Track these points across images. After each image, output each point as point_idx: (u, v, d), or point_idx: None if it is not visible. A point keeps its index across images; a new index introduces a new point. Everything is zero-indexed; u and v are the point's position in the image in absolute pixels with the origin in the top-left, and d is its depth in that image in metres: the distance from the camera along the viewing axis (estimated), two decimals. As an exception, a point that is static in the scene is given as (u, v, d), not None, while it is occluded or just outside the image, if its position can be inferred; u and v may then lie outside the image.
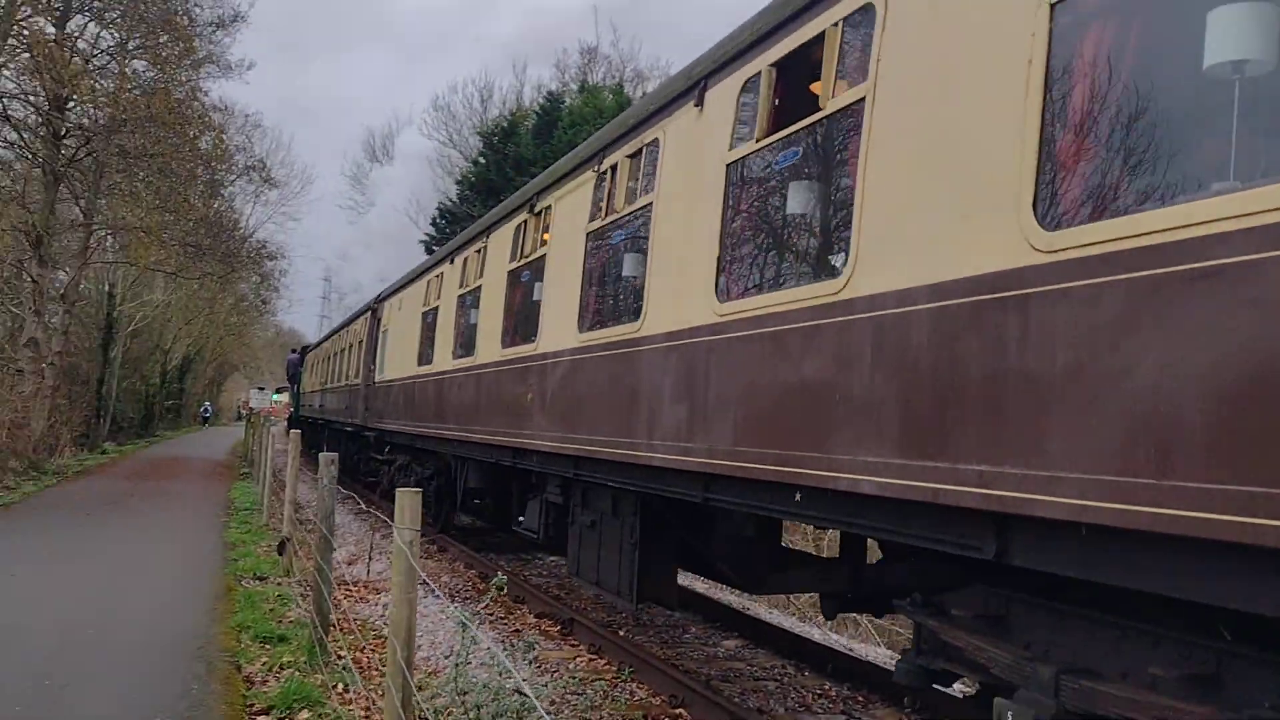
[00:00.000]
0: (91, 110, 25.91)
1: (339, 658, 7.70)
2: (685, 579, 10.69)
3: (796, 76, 5.50)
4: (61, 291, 28.30)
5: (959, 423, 3.85)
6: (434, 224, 44.25)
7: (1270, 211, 2.74)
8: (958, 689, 6.48)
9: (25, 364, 26.13)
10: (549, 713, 6.89)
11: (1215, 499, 2.82)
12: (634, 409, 6.96)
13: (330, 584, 8.14)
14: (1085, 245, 3.36)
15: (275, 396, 50.05)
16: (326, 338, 32.21)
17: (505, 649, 8.58)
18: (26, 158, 26.11)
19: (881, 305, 4.39)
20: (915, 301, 4.18)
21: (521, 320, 10.20)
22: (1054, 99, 3.66)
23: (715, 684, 7.80)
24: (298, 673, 7.30)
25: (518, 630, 9.56)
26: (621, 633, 9.23)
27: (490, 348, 10.95)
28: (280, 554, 11.79)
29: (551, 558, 12.62)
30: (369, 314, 21.09)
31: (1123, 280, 3.21)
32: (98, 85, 24.61)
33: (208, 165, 28.84)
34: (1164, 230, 3.08)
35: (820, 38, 5.12)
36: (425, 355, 14.54)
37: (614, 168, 7.95)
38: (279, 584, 10.86)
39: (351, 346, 23.27)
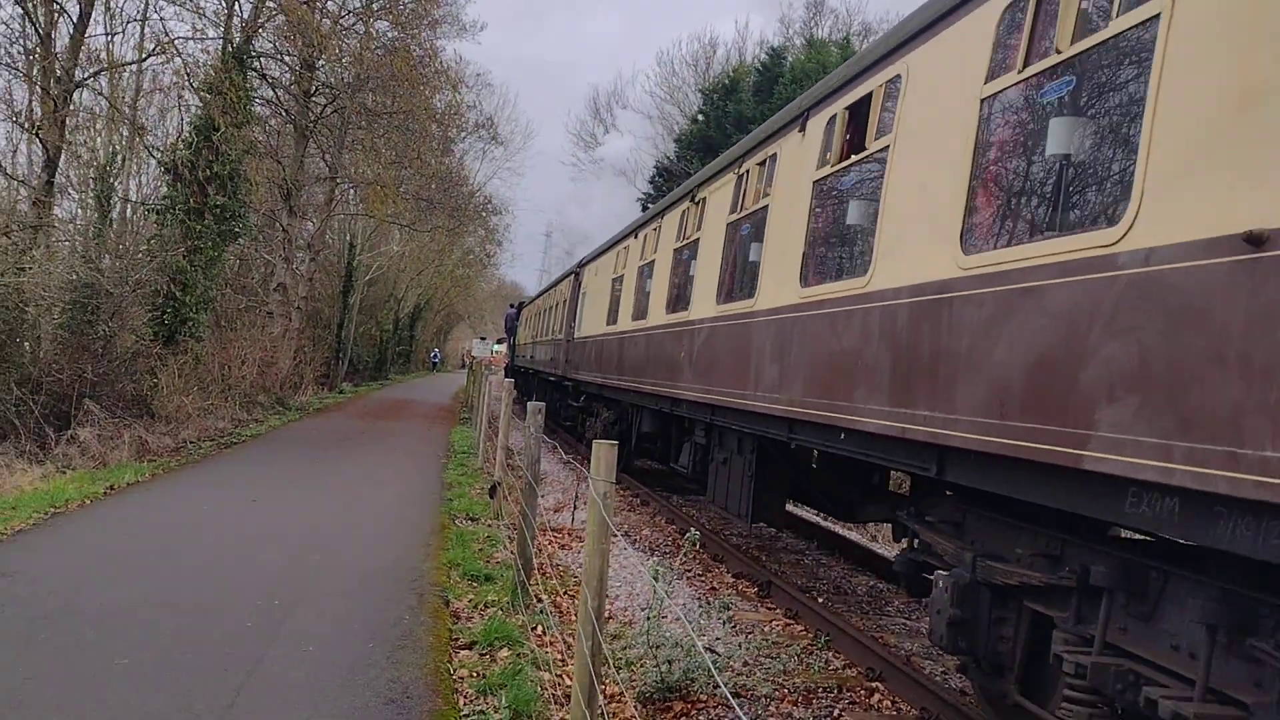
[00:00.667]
0: (338, 69, 27.48)
1: (539, 601, 7.93)
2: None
3: (859, 119, 7.17)
4: (308, 241, 30.34)
5: (917, 382, 5.55)
6: (651, 182, 44.66)
7: (1068, 253, 4.30)
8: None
9: (275, 307, 28.20)
10: (740, 673, 6.87)
11: (1030, 434, 4.37)
12: (746, 366, 8.73)
13: (534, 530, 8.38)
14: (980, 267, 4.99)
15: (496, 347, 52.38)
16: (538, 295, 34.58)
17: (701, 606, 8.61)
18: (280, 115, 28.01)
19: (889, 297, 6.03)
20: (901, 296, 5.85)
21: (680, 291, 11.96)
22: (976, 166, 5.27)
23: (915, 660, 7.56)
24: (500, 612, 7.56)
25: (714, 589, 9.57)
26: (820, 599, 9.08)
27: (658, 313, 12.86)
28: (491, 497, 12.26)
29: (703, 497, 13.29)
30: (572, 277, 22.95)
31: (992, 291, 4.85)
32: (344, 45, 26.02)
33: (441, 122, 30.06)
34: (1010, 261, 4.72)
35: (869, 96, 6.86)
36: (612, 316, 16.42)
37: (747, 172, 9.79)
38: (489, 525, 11.29)
39: (557, 305, 25.44)
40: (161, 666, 5.78)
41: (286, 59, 26.53)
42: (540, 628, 7.37)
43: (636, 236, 15.56)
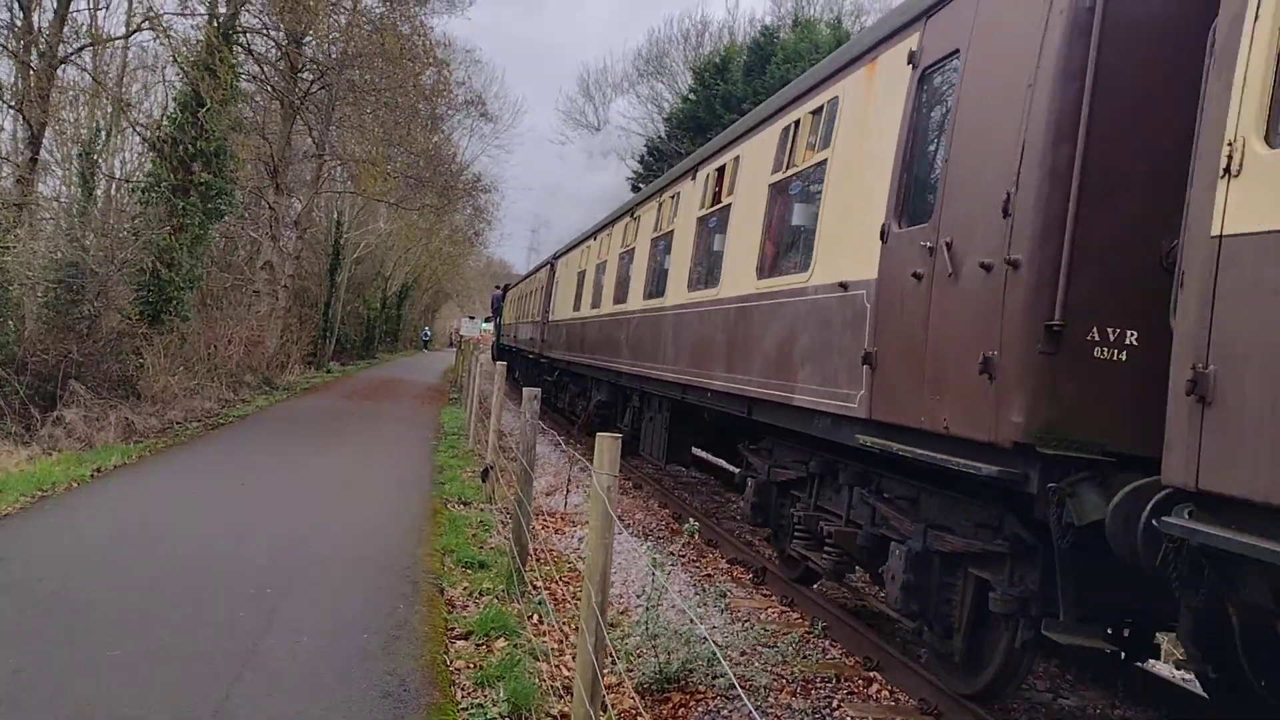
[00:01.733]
0: (325, 45, 27.18)
1: (535, 589, 7.87)
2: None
3: (721, 178, 10.51)
4: (295, 218, 30.08)
5: (737, 357, 8.86)
6: (641, 161, 44.43)
7: (791, 285, 7.91)
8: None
9: (261, 285, 27.98)
10: (738, 663, 6.82)
11: (779, 386, 7.60)
12: (659, 347, 12.13)
13: (529, 516, 8.31)
14: (764, 287, 8.51)
15: (484, 325, 52.74)
16: (521, 280, 37.67)
17: (697, 593, 8.56)
18: (267, 90, 27.70)
19: (730, 302, 9.07)
20: (733, 303, 8.98)
21: (622, 288, 15.17)
22: (765, 225, 8.64)
23: (912, 649, 7.53)
24: (496, 600, 7.50)
25: (709, 575, 9.53)
26: (815, 586, 9.04)
27: (607, 303, 16.10)
28: (484, 481, 12.18)
29: (678, 467, 15.15)
30: (548, 266, 26.20)
31: (767, 303, 8.26)
32: (332, 21, 25.73)
33: (429, 100, 29.79)
34: (774, 286, 8.23)
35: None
36: (577, 304, 19.66)
37: (664, 201, 12.87)
38: (482, 509, 11.22)
39: (535, 291, 28.61)
40: (154, 658, 5.69)
41: (273, 34, 26.21)
42: (537, 616, 7.31)
43: (595, 239, 18.75)
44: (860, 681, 6.71)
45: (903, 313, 6.02)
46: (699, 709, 6.02)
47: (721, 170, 10.67)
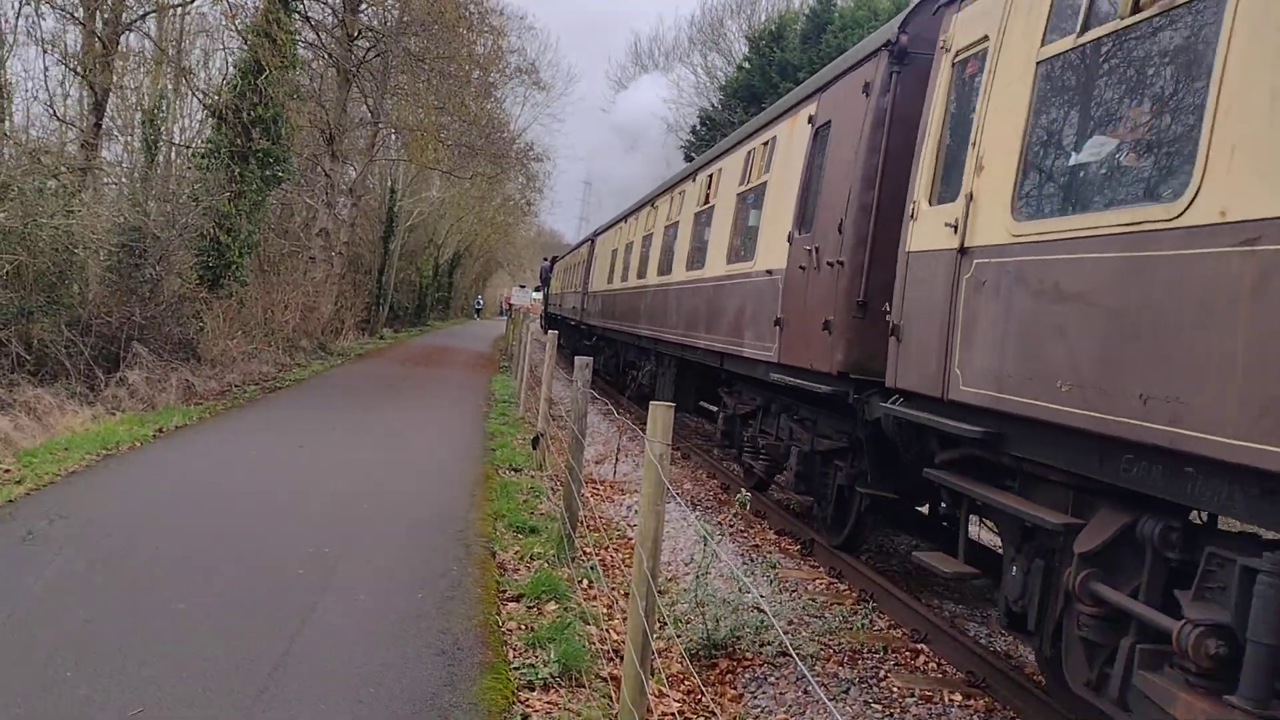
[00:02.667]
0: (381, 12, 27.27)
1: (585, 554, 7.96)
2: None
3: (712, 183, 13.33)
4: (350, 186, 30.35)
5: (715, 321, 11.70)
6: (693, 131, 44.16)
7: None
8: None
9: (317, 252, 28.30)
10: (785, 632, 6.87)
11: (731, 343, 10.92)
12: (666, 314, 15.03)
13: (580, 483, 8.40)
14: (729, 269, 11.22)
15: (534, 295, 53.34)
16: (567, 253, 41.20)
17: (745, 563, 8.62)
18: (323, 58, 27.91)
19: (709, 281, 12.12)
20: (711, 282, 12.00)
21: (643, 265, 18.24)
22: (733, 226, 11.69)
23: (959, 622, 7.53)
24: (546, 565, 7.60)
25: (757, 545, 9.57)
26: (864, 558, 9.05)
27: (632, 278, 19.22)
28: (534, 448, 12.30)
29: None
30: (589, 243, 29.43)
31: (733, 283, 11.19)
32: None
33: (483, 67, 29.83)
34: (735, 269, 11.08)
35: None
36: (611, 278, 22.64)
37: (663, 202, 17.04)
38: (532, 476, 11.34)
39: (578, 265, 31.90)
40: (217, 612, 5.86)
41: (330, 1, 26.38)
42: (586, 581, 7.41)
43: (625, 222, 22.11)
44: (908, 653, 6.73)
45: (796, 292, 9.01)
46: (746, 675, 6.08)
47: (711, 176, 13.53)
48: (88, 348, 14.73)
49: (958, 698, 5.95)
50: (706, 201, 13.36)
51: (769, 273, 9.77)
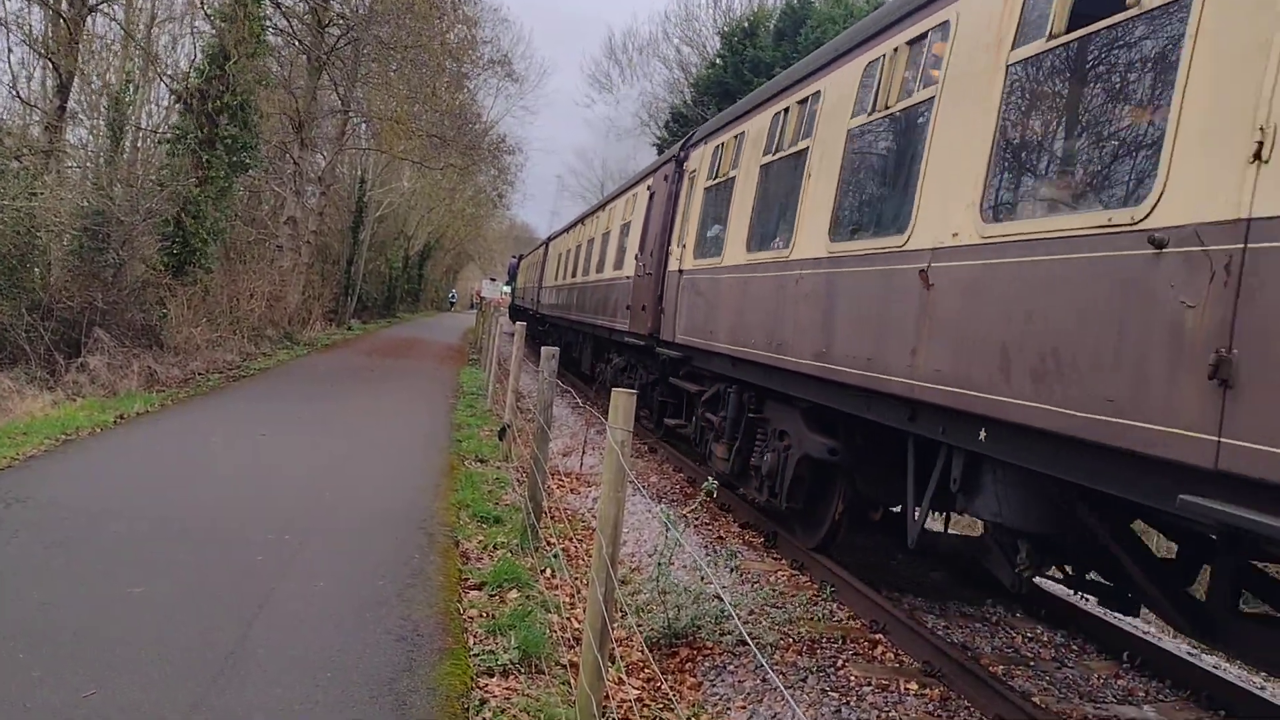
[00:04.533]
0: (353, 1, 27.07)
1: (549, 544, 7.97)
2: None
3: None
4: (319, 174, 30.14)
5: (635, 309, 14.48)
6: (666, 127, 44.18)
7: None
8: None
9: (284, 240, 28.10)
10: (746, 621, 6.91)
11: (633, 324, 14.48)
12: (605, 307, 17.51)
13: (545, 474, 8.40)
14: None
15: (504, 288, 53.85)
16: (529, 253, 46.79)
17: (708, 555, 8.66)
18: (293, 45, 27.68)
19: (625, 279, 15.56)
20: (627, 279, 15.44)
21: (573, 267, 23.11)
22: (640, 239, 14.97)
23: (918, 614, 7.61)
24: (510, 554, 7.60)
25: (721, 537, 9.62)
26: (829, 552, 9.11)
27: (568, 276, 24.27)
28: (501, 439, 12.29)
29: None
30: (545, 245, 34.95)
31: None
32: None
33: (455, 57, 29.70)
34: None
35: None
36: (560, 275, 26.49)
37: (612, 208, 19.37)
38: (498, 467, 11.33)
39: (537, 263, 36.78)
40: (175, 597, 5.83)
41: (301, -12, 26.15)
42: (550, 570, 7.42)
43: (568, 232, 26.90)
44: (866, 643, 6.79)
45: (636, 290, 14.34)
46: (706, 663, 6.12)
47: (609, 211, 19.31)
48: (48, 332, 14.57)
49: (914, 686, 6.01)
50: (605, 228, 19.14)
51: (627, 278, 15.40)
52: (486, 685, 5.18)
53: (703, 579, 6.98)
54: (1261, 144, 3.61)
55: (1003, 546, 6.18)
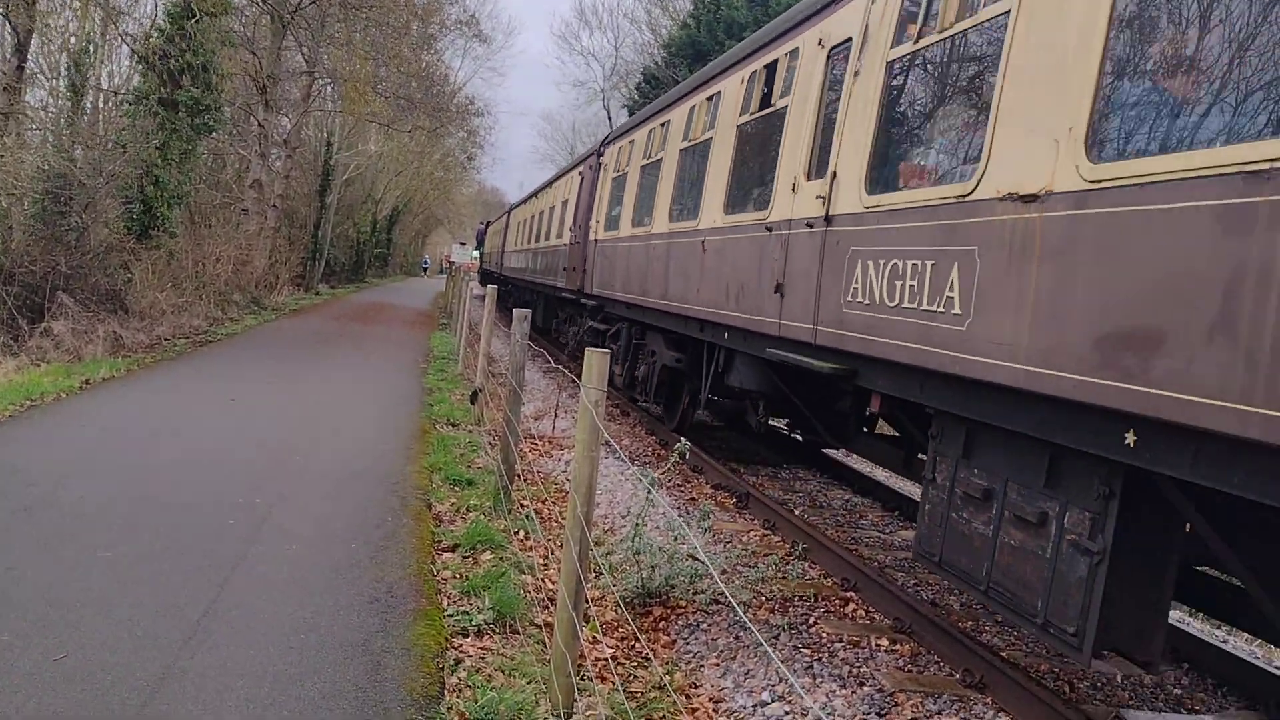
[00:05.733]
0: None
1: (521, 507, 7.97)
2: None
3: (570, 183, 21.03)
4: (284, 137, 29.71)
5: (577, 271, 17.79)
6: (638, 89, 43.84)
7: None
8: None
9: (250, 204, 27.74)
10: (719, 581, 6.95)
11: (561, 281, 19.28)
12: (553, 267, 20.48)
13: (517, 436, 8.39)
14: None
15: (474, 253, 54.04)
16: (495, 219, 49.63)
17: (681, 516, 8.69)
18: (256, 4, 27.18)
19: (564, 245, 19.06)
20: (565, 246, 19.09)
21: (530, 235, 26.31)
22: (574, 217, 18.42)
23: (889, 572, 7.68)
24: (482, 516, 7.60)
25: (694, 499, 9.66)
26: (798, 512, 9.19)
27: (525, 242, 27.37)
28: (472, 403, 12.25)
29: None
30: (507, 215, 38.56)
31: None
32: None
33: (422, 17, 29.29)
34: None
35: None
36: (513, 243, 31.93)
37: (556, 187, 23.34)
38: (470, 431, 11.30)
39: (499, 231, 40.84)
40: (143, 561, 5.78)
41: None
42: (523, 533, 7.42)
43: (527, 203, 29.99)
44: (837, 601, 6.86)
45: (570, 254, 17.72)
46: (679, 622, 6.16)
47: (555, 188, 22.88)
48: (11, 297, 14.34)
49: (884, 642, 6.08)
50: (552, 202, 22.45)
51: (565, 245, 18.86)
52: (461, 645, 5.19)
53: (677, 539, 7.01)
54: None
55: (750, 403, 10.30)
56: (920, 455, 7.50)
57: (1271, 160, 3.22)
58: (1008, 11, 4.85)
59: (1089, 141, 4.14)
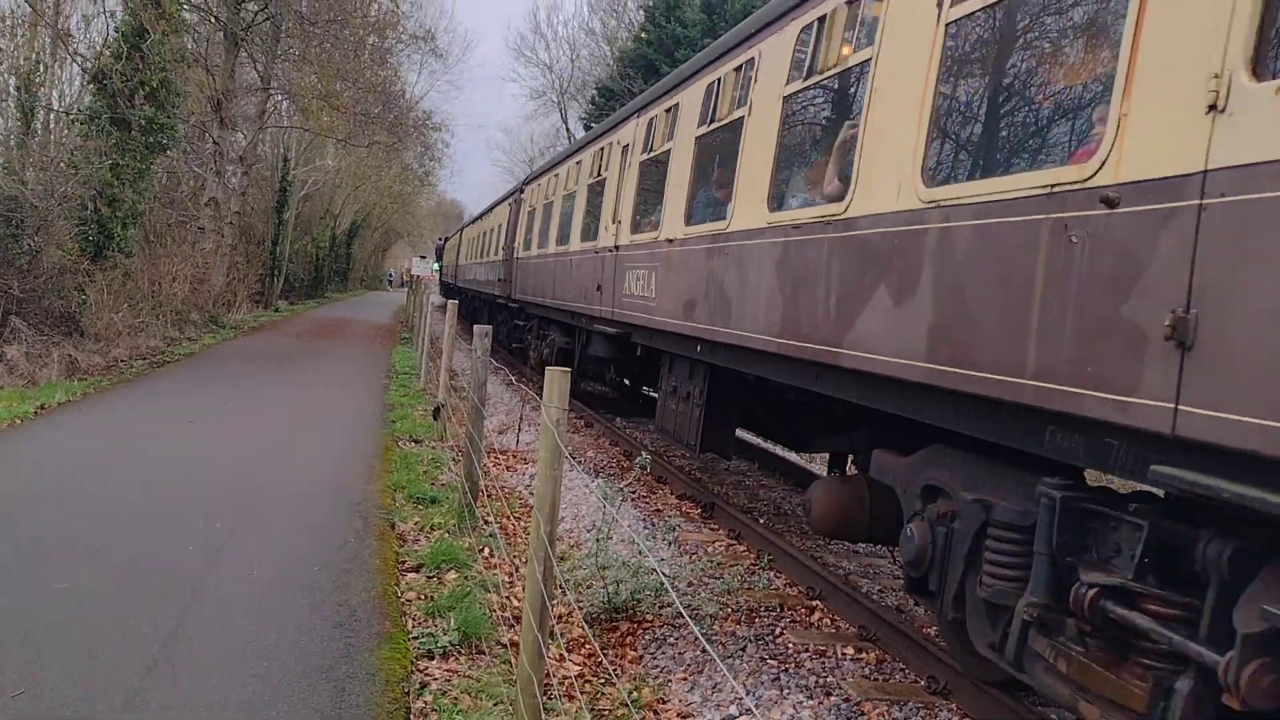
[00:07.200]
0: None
1: (486, 523, 7.95)
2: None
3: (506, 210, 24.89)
4: (240, 154, 29.44)
5: (486, 280, 26.99)
6: (593, 102, 43.91)
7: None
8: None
9: (206, 222, 27.44)
10: (685, 593, 6.97)
11: (499, 289, 23.88)
12: (495, 276, 24.32)
13: (480, 452, 8.37)
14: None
15: (434, 266, 54.64)
16: (450, 236, 52.84)
17: (646, 528, 8.71)
18: (210, 21, 26.94)
19: (500, 261, 23.39)
20: (500, 262, 23.46)
21: (476, 251, 30.89)
22: (509, 236, 22.59)
23: (854, 579, 7.74)
24: (447, 534, 7.57)
25: (659, 510, 9.67)
26: (762, 520, 9.23)
27: (472, 258, 32.06)
28: (435, 419, 12.19)
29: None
30: (459, 233, 42.98)
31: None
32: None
33: (378, 33, 29.17)
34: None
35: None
36: (465, 257, 35.74)
37: (495, 212, 28.14)
38: (433, 447, 11.25)
39: (454, 247, 44.05)
40: (103, 590, 5.71)
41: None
42: (487, 550, 7.40)
43: (473, 225, 34.98)
44: (803, 610, 6.90)
45: (504, 268, 22.05)
46: (646, 636, 6.17)
47: (494, 213, 26.57)
48: (-39, 323, 14.09)
49: (850, 651, 6.13)
50: (493, 224, 26.65)
51: (500, 260, 22.86)
52: (427, 668, 5.17)
53: (641, 554, 7.02)
54: None
55: (605, 366, 14.35)
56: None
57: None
58: (668, 151, 9.88)
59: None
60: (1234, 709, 3.25)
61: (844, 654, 6.10)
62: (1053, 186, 3.92)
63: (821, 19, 6.32)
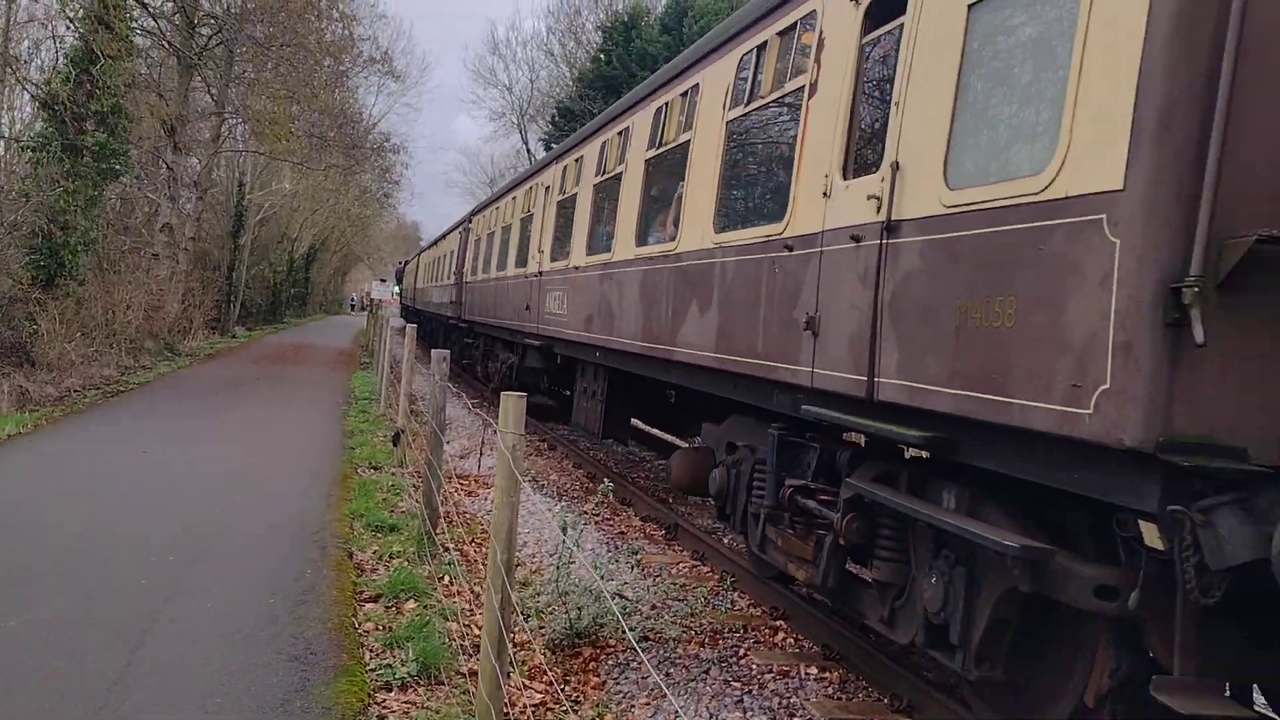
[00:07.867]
0: (224, -1, 26.22)
1: (446, 551, 7.86)
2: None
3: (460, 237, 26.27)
4: (194, 179, 29.14)
5: (437, 303, 30.34)
6: (553, 122, 43.98)
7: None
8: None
9: (160, 248, 27.10)
10: (649, 617, 6.93)
11: (450, 312, 25.68)
12: (439, 300, 28.96)
13: (440, 479, 8.28)
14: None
15: (395, 289, 55.19)
16: (409, 260, 53.70)
17: (609, 551, 8.65)
18: (163, 46, 26.69)
19: (452, 283, 25.22)
20: (453, 285, 24.87)
21: (431, 274, 33.61)
22: (459, 259, 24.39)
23: (816, 598, 7.72)
24: (406, 563, 7.48)
25: (623, 532, 9.62)
26: (726, 540, 9.20)
27: (428, 280, 34.23)
28: (395, 445, 12.07)
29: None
30: (416, 257, 44.75)
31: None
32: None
33: (334, 56, 29.05)
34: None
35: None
36: (422, 281, 37.02)
37: (449, 238, 30.25)
38: (393, 474, 11.13)
39: (414, 270, 44.66)
40: (53, 628, 5.57)
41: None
42: (448, 578, 7.32)
43: (430, 249, 36.64)
44: (767, 630, 6.87)
45: (458, 290, 23.13)
46: (609, 661, 6.11)
47: (448, 239, 28.03)
48: (-93, 355, 13.78)
49: (814, 671, 6.11)
50: (447, 250, 27.95)
51: (453, 284, 24.04)
52: (384, 700, 5.08)
53: (603, 577, 6.96)
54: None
55: (540, 377, 15.14)
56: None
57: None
58: (575, 195, 12.11)
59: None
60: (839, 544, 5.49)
61: (808, 674, 6.08)
62: (769, 236, 6.23)
63: (660, 108, 9.14)
